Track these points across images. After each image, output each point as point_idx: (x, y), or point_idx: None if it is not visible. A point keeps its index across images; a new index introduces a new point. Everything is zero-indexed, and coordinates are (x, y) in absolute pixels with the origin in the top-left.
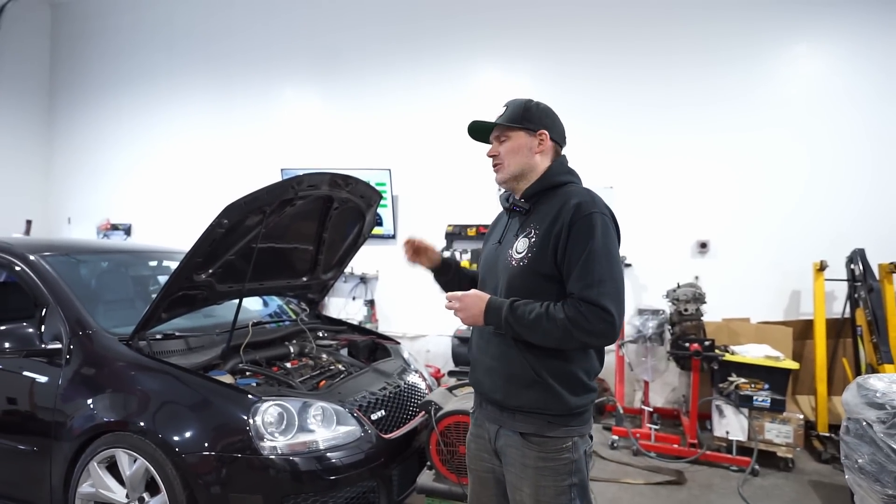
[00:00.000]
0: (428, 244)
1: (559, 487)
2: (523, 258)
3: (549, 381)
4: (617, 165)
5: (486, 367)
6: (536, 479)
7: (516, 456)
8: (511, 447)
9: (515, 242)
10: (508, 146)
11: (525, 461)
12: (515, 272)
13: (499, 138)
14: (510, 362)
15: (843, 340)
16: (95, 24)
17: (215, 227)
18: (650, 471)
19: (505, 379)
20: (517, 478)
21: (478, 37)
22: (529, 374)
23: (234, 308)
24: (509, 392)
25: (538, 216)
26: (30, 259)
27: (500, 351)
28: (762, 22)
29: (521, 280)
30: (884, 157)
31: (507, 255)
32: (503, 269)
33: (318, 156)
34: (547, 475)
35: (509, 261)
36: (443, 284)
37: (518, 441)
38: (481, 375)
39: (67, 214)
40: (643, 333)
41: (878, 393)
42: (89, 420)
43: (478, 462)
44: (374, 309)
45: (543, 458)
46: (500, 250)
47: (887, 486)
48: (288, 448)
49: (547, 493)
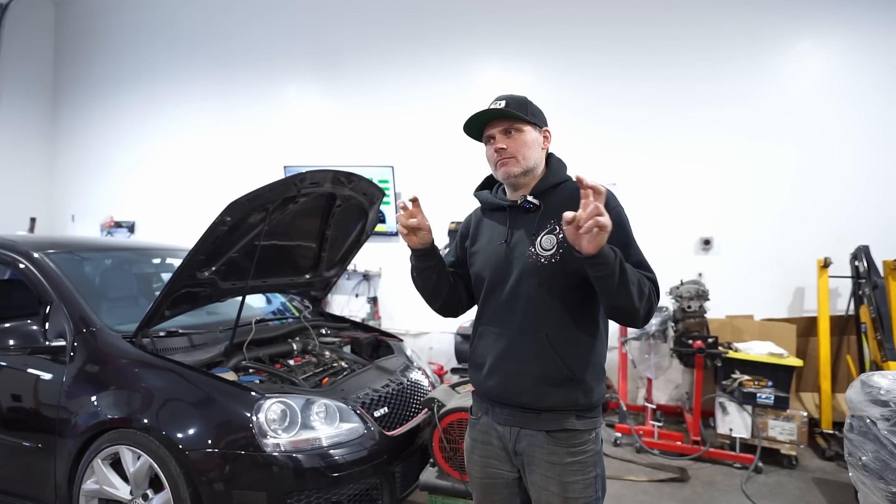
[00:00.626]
0: (425, 222)
1: (587, 481)
2: (554, 255)
3: (581, 376)
4: (620, 162)
5: (513, 371)
6: (564, 475)
7: (542, 455)
8: (535, 447)
9: (537, 240)
10: (522, 139)
11: (552, 459)
12: (546, 270)
13: (507, 132)
14: (543, 362)
15: (847, 337)
16: (99, 23)
17: (218, 225)
18: (653, 468)
19: (536, 380)
20: (543, 477)
21: (480, 34)
22: (563, 373)
23: (237, 305)
24: (540, 393)
25: (555, 211)
26: (34, 256)
27: (531, 352)
28: (765, 19)
29: (554, 277)
30: (888, 153)
31: (526, 254)
32: (525, 268)
33: (320, 153)
34: (575, 470)
35: (535, 259)
36: (421, 270)
37: (543, 439)
38: (503, 379)
39: (71, 212)
40: (646, 330)
41: (882, 390)
42: (93, 417)
43: (483, 469)
44: (377, 306)
45: (572, 454)
46: (511, 249)
47: (891, 483)
48: (291, 445)
49: (576, 488)
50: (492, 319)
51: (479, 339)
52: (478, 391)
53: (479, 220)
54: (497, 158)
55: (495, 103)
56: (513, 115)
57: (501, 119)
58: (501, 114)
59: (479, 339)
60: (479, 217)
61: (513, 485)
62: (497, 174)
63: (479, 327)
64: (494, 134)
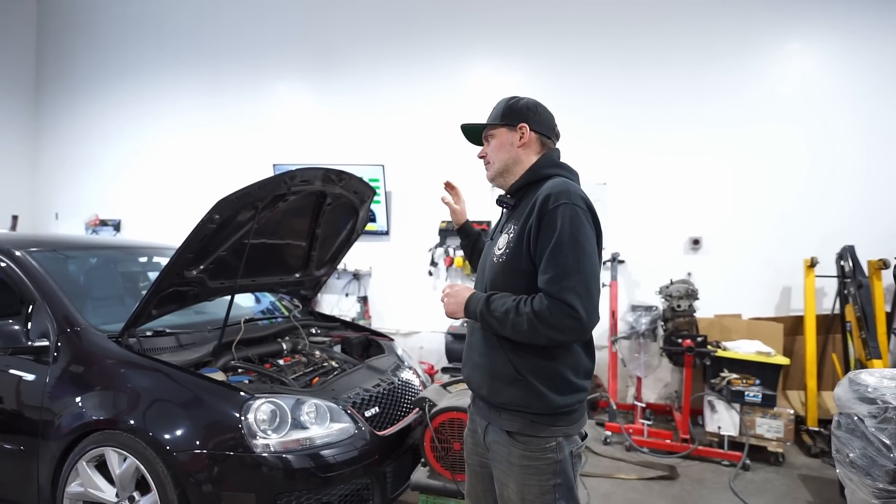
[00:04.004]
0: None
1: (543, 487)
2: (503, 255)
3: (529, 379)
4: (610, 162)
5: (474, 364)
6: (521, 478)
7: (503, 453)
8: (497, 444)
9: (499, 239)
10: (494, 144)
11: (510, 459)
12: (497, 269)
13: (486, 138)
14: (493, 359)
15: (833, 336)
16: (82, 17)
17: (206, 223)
18: (643, 466)
19: (489, 375)
20: (504, 474)
21: (471, 32)
22: (510, 372)
23: (225, 304)
24: (493, 389)
25: (518, 211)
26: (15, 255)
27: (486, 347)
28: (755, 19)
29: (503, 277)
30: (875, 155)
31: (492, 253)
32: (489, 266)
33: (310, 151)
34: (531, 474)
35: (492, 258)
36: (463, 247)
37: (504, 438)
38: (470, 371)
39: (55, 210)
40: (636, 329)
41: (869, 388)
42: (78, 418)
43: (473, 456)
44: (367, 305)
45: (528, 457)
46: (489, 247)
47: (878, 479)
48: (281, 445)
49: (531, 491)
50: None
51: (468, 333)
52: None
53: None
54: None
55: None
56: (479, 125)
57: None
58: (472, 126)
59: (468, 333)
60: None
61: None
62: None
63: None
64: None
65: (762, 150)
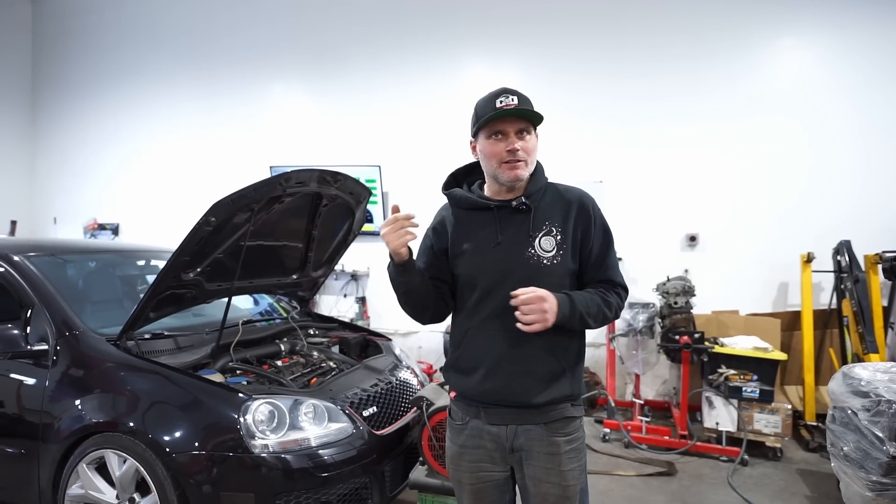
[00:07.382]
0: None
1: (580, 467)
2: (555, 256)
3: (573, 368)
4: (606, 159)
5: (518, 371)
6: (563, 465)
7: (541, 447)
8: (534, 440)
9: (536, 241)
10: (533, 143)
11: (551, 449)
12: (549, 270)
13: (521, 133)
14: (541, 361)
15: (830, 331)
16: (78, 21)
17: (203, 226)
18: (641, 462)
19: (540, 378)
20: (543, 470)
21: (466, 32)
22: (559, 368)
23: (223, 307)
24: (542, 391)
25: (547, 213)
26: (14, 260)
27: (538, 351)
28: (749, 14)
29: (557, 277)
30: (870, 149)
31: (525, 255)
32: (528, 269)
33: (307, 153)
34: (573, 457)
35: (536, 260)
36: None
37: (542, 432)
38: (505, 381)
39: (53, 214)
40: (634, 327)
41: (862, 381)
42: (78, 421)
43: (474, 474)
44: (365, 306)
45: (568, 441)
46: (505, 251)
47: (871, 472)
48: (279, 446)
49: (573, 475)
50: (489, 321)
51: (469, 343)
52: (467, 395)
53: (456, 219)
54: (507, 158)
55: (506, 97)
56: (533, 118)
57: (518, 118)
58: (524, 114)
59: (469, 343)
60: (454, 216)
61: (503, 485)
62: (501, 174)
63: (468, 330)
64: (508, 132)
65: (758, 146)
